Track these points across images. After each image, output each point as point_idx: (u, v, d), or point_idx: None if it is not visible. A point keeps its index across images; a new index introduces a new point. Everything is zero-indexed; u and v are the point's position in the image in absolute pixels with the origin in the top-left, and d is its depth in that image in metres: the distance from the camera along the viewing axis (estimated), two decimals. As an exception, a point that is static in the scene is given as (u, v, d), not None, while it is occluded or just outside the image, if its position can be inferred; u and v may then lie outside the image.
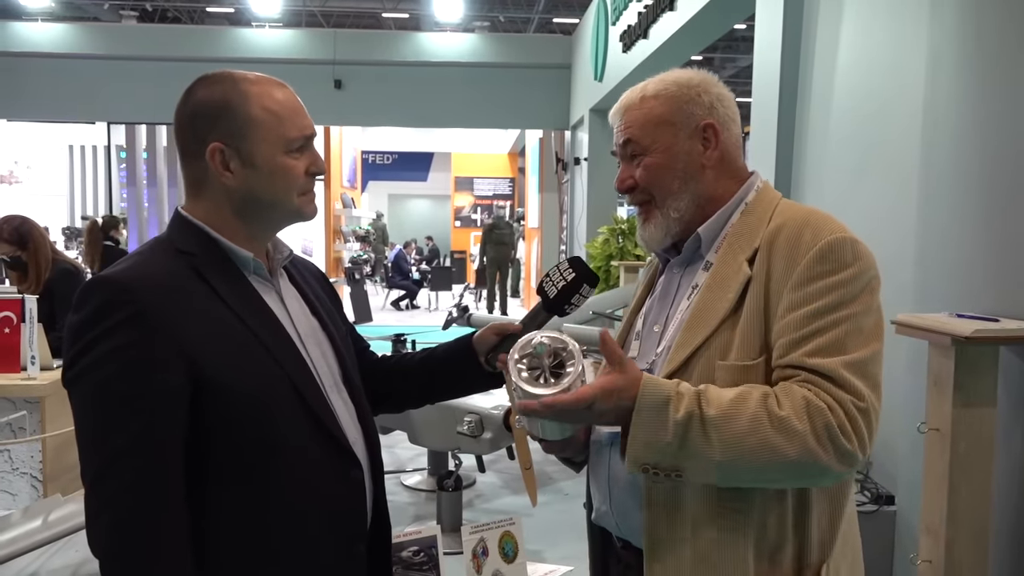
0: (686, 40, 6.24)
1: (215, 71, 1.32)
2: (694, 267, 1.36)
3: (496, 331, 1.53)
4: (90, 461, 1.18)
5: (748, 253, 1.27)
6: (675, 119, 1.33)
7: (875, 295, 1.23)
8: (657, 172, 1.34)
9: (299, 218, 1.37)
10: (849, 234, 1.23)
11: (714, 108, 1.34)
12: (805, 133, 3.63)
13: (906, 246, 2.68)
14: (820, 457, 1.13)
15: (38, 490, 3.29)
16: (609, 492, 1.36)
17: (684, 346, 1.27)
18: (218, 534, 1.23)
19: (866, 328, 1.19)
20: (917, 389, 2.42)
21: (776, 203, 1.33)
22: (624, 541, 1.38)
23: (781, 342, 1.20)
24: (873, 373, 1.18)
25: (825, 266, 1.20)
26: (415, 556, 2.20)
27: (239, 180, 1.29)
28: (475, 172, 19.62)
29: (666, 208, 1.35)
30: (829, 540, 1.26)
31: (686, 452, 1.15)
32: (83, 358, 1.18)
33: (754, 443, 1.13)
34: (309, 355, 1.35)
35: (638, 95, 1.37)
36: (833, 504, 1.26)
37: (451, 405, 3.77)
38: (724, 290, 1.27)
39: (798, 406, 1.14)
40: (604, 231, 8.09)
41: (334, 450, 1.32)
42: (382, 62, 11.68)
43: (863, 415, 1.15)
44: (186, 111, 1.30)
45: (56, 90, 11.54)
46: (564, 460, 1.50)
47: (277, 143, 1.29)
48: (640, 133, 1.34)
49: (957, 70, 2.51)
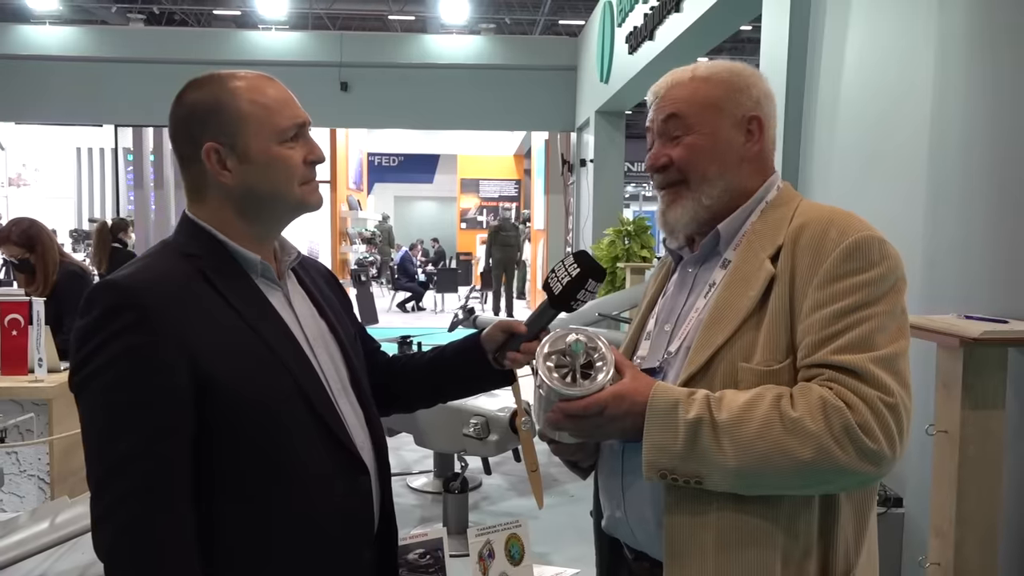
0: (692, 42, 6.23)
1: (203, 74, 1.32)
2: (710, 264, 1.33)
3: (503, 328, 1.51)
4: (96, 465, 1.18)
5: (771, 251, 1.24)
6: (724, 105, 1.30)
7: (901, 295, 1.20)
8: (699, 153, 1.30)
9: (303, 209, 1.35)
10: (876, 233, 1.21)
11: (760, 103, 1.32)
12: (812, 134, 3.62)
13: (914, 247, 2.67)
14: (839, 458, 1.09)
15: (45, 492, 3.30)
16: (623, 498, 1.32)
17: (705, 347, 1.22)
18: (224, 540, 1.23)
19: (893, 327, 1.16)
20: (926, 391, 2.41)
21: (798, 202, 1.31)
22: (637, 552, 1.33)
23: (806, 341, 1.17)
24: (901, 369, 1.14)
25: (851, 264, 1.17)
26: (421, 559, 2.19)
27: (237, 177, 1.29)
28: (481, 174, 19.63)
29: (699, 193, 1.31)
30: (855, 549, 1.22)
31: (698, 457, 1.13)
32: (90, 362, 1.18)
33: (766, 447, 1.10)
34: (317, 359, 1.34)
35: (688, 74, 1.33)
36: (858, 512, 1.23)
37: (457, 407, 3.77)
38: (746, 287, 1.23)
39: (814, 406, 1.11)
40: (610, 233, 8.08)
41: (341, 456, 1.31)
42: (388, 64, 11.70)
43: (892, 411, 1.11)
44: (179, 115, 1.30)
45: (63, 93, 11.59)
46: (570, 465, 1.47)
47: (270, 135, 1.28)
48: (688, 110, 1.30)
49: (966, 70, 2.50)
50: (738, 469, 1.12)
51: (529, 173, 17.44)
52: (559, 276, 1.43)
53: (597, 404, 1.16)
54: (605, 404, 1.16)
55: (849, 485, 1.17)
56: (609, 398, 1.16)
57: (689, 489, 1.17)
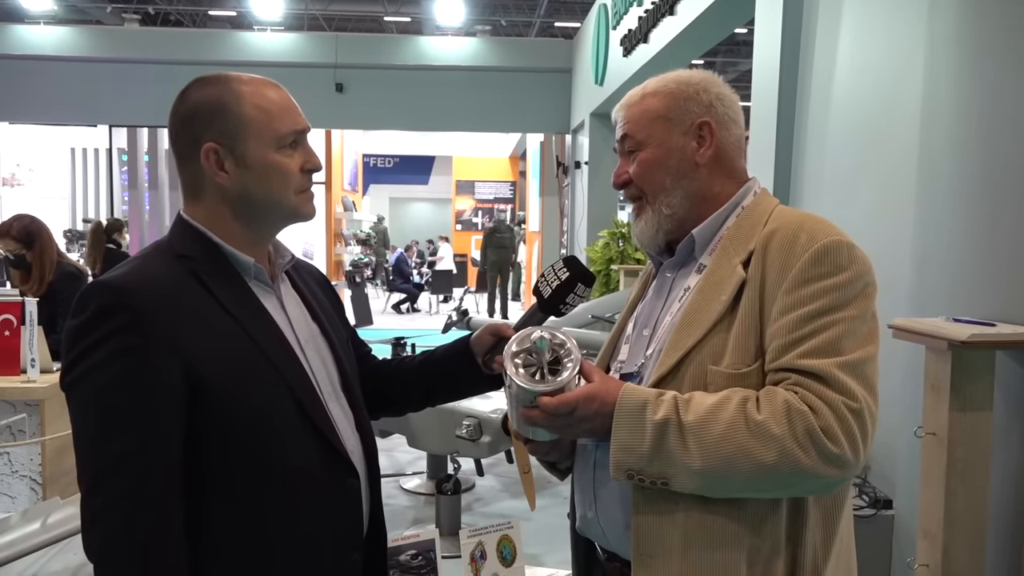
0: (686, 44, 6.24)
1: (210, 73, 1.33)
2: (687, 269, 1.35)
3: (492, 332, 1.53)
4: (87, 466, 1.18)
5: (743, 256, 1.26)
6: (671, 115, 1.33)
7: (871, 300, 1.21)
8: (649, 168, 1.34)
9: (297, 218, 1.36)
10: (845, 238, 1.22)
11: (712, 107, 1.34)
12: (804, 136, 3.64)
13: (903, 250, 2.68)
14: (801, 461, 1.10)
15: (37, 493, 3.29)
16: (595, 498, 1.34)
17: (675, 349, 1.25)
18: (212, 543, 1.23)
19: (861, 332, 1.18)
20: (914, 394, 2.42)
21: (773, 208, 1.32)
22: (609, 553, 1.35)
23: (774, 345, 1.19)
24: (868, 375, 1.16)
25: (820, 269, 1.19)
26: (413, 559, 2.20)
27: (234, 180, 1.29)
28: (476, 176, 19.63)
29: (657, 204, 1.34)
30: (823, 553, 1.23)
31: (664, 458, 1.15)
32: (81, 363, 1.18)
33: (730, 449, 1.12)
34: (309, 362, 1.35)
35: (639, 92, 1.38)
36: (827, 515, 1.24)
37: (450, 409, 3.77)
38: (717, 292, 1.25)
39: (778, 410, 1.12)
40: (604, 235, 8.09)
41: (331, 459, 1.32)
42: (384, 66, 11.70)
43: (856, 416, 1.12)
44: (181, 113, 1.30)
45: (58, 93, 11.56)
46: (548, 466, 1.49)
47: (268, 140, 1.29)
48: (636, 128, 1.35)
49: (955, 73, 2.51)
50: (703, 471, 1.14)
51: (524, 175, 17.45)
52: (548, 280, 1.44)
53: (567, 404, 1.18)
54: (575, 404, 1.18)
55: (813, 489, 1.18)
56: (579, 399, 1.18)
57: (657, 490, 1.18)
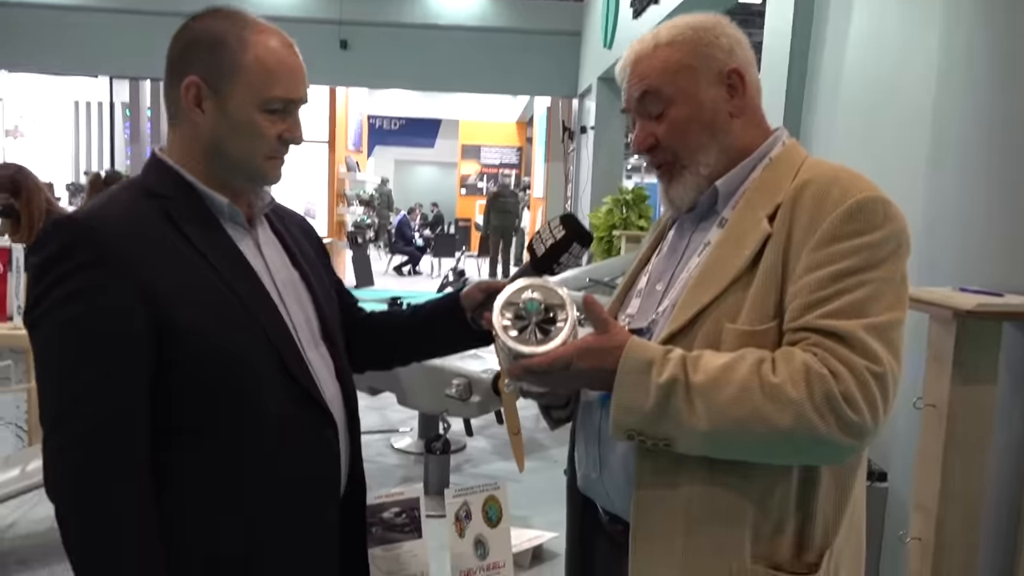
0: (697, 6, 6.10)
1: (229, 7, 1.26)
2: (707, 223, 1.26)
3: (482, 288, 1.47)
4: (49, 404, 1.14)
5: (769, 209, 1.17)
6: (697, 64, 1.22)
7: (902, 262, 1.12)
8: (684, 126, 1.22)
9: (263, 182, 1.31)
10: (881, 193, 1.13)
11: (734, 51, 1.23)
12: (814, 104, 3.56)
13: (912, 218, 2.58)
14: (819, 428, 1.03)
15: (23, 440, 3.29)
16: (600, 458, 1.27)
17: (690, 305, 1.16)
18: (181, 489, 1.19)
19: (889, 295, 1.09)
20: (916, 364, 2.37)
21: (803, 159, 1.23)
22: (612, 515, 1.29)
23: (795, 304, 1.10)
24: (894, 339, 1.07)
25: (852, 226, 1.10)
26: (397, 517, 2.17)
27: (208, 122, 1.24)
28: (482, 140, 19.49)
29: (695, 165, 1.23)
30: (834, 525, 1.16)
31: (669, 420, 1.07)
32: (44, 299, 1.14)
33: (743, 413, 1.04)
34: (287, 307, 1.30)
35: (650, 44, 1.25)
36: (840, 485, 1.16)
37: (439, 367, 3.74)
38: (739, 247, 1.16)
39: (796, 372, 1.04)
40: (608, 201, 8.01)
41: (307, 406, 1.27)
42: (389, 23, 11.53)
43: (878, 381, 1.04)
44: (183, 37, 1.26)
45: (57, 42, 11.39)
46: (543, 411, 1.41)
47: (255, 97, 1.23)
48: (659, 82, 1.23)
49: (968, 41, 2.43)
50: (710, 433, 1.07)
51: (531, 141, 17.31)
52: (543, 238, 1.37)
53: (562, 359, 1.12)
54: (570, 359, 1.11)
55: (824, 456, 1.11)
56: (576, 353, 1.11)
57: (661, 461, 1.12)
